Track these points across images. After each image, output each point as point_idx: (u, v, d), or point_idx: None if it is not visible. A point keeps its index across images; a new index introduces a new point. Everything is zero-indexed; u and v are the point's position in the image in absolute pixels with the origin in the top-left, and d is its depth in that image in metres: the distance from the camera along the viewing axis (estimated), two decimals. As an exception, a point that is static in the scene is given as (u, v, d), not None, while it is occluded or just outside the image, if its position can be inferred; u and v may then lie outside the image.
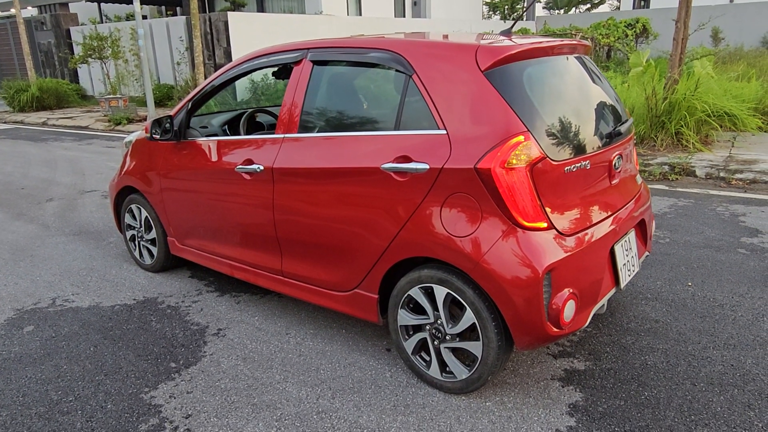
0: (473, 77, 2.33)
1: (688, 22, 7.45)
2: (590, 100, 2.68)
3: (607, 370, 2.71)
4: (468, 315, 2.38)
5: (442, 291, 2.44)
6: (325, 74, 2.90)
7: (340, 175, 2.66)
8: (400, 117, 2.53)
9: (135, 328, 3.26)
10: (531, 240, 2.24)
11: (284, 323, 3.26)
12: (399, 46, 2.57)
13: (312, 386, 2.65)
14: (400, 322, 2.64)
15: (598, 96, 2.75)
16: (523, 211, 2.23)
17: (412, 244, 2.46)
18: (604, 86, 2.88)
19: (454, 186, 2.32)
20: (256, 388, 2.66)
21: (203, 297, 3.65)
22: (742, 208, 5.19)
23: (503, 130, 2.24)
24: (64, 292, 3.79)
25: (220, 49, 13.75)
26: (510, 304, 2.24)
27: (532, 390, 2.57)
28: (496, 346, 2.34)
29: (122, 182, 4.03)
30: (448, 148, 2.33)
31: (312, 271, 2.94)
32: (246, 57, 3.23)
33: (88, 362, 2.92)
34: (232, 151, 3.21)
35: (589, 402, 2.47)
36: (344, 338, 3.07)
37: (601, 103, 2.74)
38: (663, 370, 2.69)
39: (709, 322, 3.12)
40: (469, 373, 2.45)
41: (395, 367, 2.78)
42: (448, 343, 2.49)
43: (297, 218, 2.89)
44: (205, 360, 2.91)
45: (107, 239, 4.84)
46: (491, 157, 2.21)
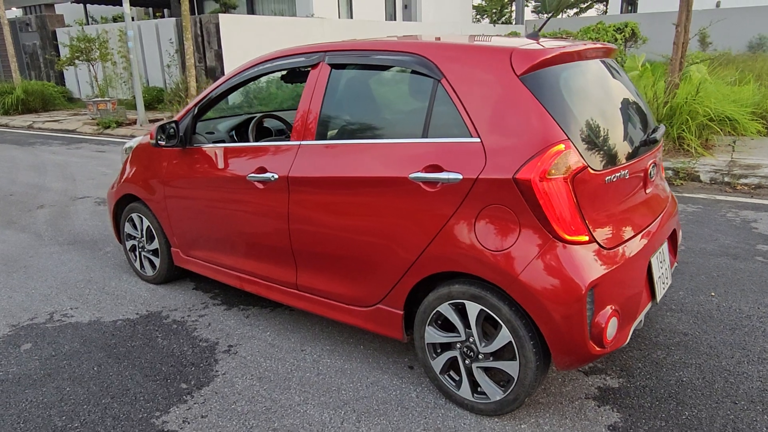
0: (508, 82, 2.21)
1: (689, 26, 7.42)
2: (623, 106, 2.57)
3: (642, 387, 2.59)
4: (504, 333, 2.25)
5: (474, 308, 2.31)
6: (344, 78, 2.76)
7: (363, 184, 2.52)
8: (427, 124, 2.40)
9: (140, 346, 3.08)
10: (573, 255, 2.12)
11: (298, 339, 3.11)
12: (426, 49, 2.44)
13: (335, 408, 2.50)
14: (427, 339, 2.50)
15: (630, 101, 2.65)
16: (565, 224, 2.11)
17: (442, 258, 2.33)
18: (633, 91, 2.77)
19: (489, 197, 2.19)
20: (275, 411, 2.50)
21: (210, 311, 3.49)
22: (752, 214, 5.13)
23: (542, 139, 2.12)
24: (62, 306, 3.60)
25: (211, 52, 13.54)
26: (551, 322, 2.11)
27: (567, 410, 2.45)
28: (534, 366, 2.21)
29: (122, 190, 3.85)
30: (483, 157, 2.20)
31: (330, 285, 2.80)
32: (258, 60, 3.08)
33: (92, 383, 2.75)
34: (243, 159, 3.06)
35: (628, 423, 2.35)
36: (363, 355, 2.92)
37: (633, 109, 2.63)
38: (700, 387, 2.58)
39: (738, 334, 3.03)
40: (504, 395, 2.32)
41: (420, 387, 2.64)
42: (481, 363, 2.36)
43: (315, 229, 2.74)
44: (218, 380, 2.74)
45: (104, 249, 4.64)
46: (531, 167, 2.09)
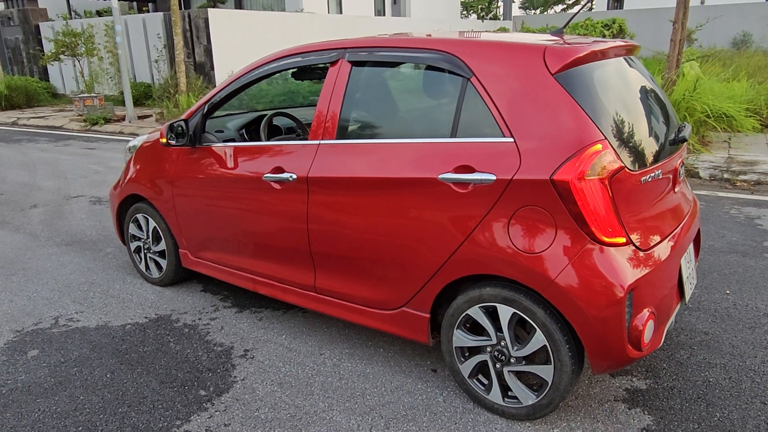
0: (543, 81, 2.15)
1: (686, 22, 7.45)
2: (651, 104, 2.54)
3: (670, 389, 2.57)
4: (538, 337, 2.20)
5: (507, 311, 2.26)
6: (366, 76, 2.69)
7: (388, 185, 2.46)
8: (456, 123, 2.34)
9: (153, 351, 2.99)
10: (611, 257, 2.08)
11: (315, 342, 3.04)
12: (455, 46, 2.38)
13: (361, 415, 2.44)
14: (455, 343, 2.45)
15: (656, 99, 2.61)
16: (602, 226, 2.06)
17: (473, 261, 2.28)
18: (658, 89, 2.74)
19: (524, 199, 2.14)
20: (300, 418, 2.44)
21: (221, 314, 3.40)
22: (755, 210, 5.16)
23: (580, 139, 2.07)
24: (67, 310, 3.49)
25: (200, 47, 13.34)
26: (589, 326, 2.07)
27: (598, 414, 2.41)
28: (569, 370, 2.17)
29: (127, 190, 3.74)
30: (517, 157, 2.15)
31: (351, 288, 2.73)
32: (273, 56, 3.00)
33: (106, 391, 2.65)
34: (258, 158, 2.98)
35: (661, 426, 2.33)
36: (384, 358, 2.87)
37: (660, 107, 2.60)
38: (727, 387, 2.57)
39: (758, 333, 3.02)
40: (537, 399, 2.28)
41: (446, 391, 2.59)
42: (513, 367, 2.31)
43: (336, 230, 2.67)
44: (237, 386, 2.67)
45: (104, 250, 4.52)
46: (569, 167, 2.04)
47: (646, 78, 2.65)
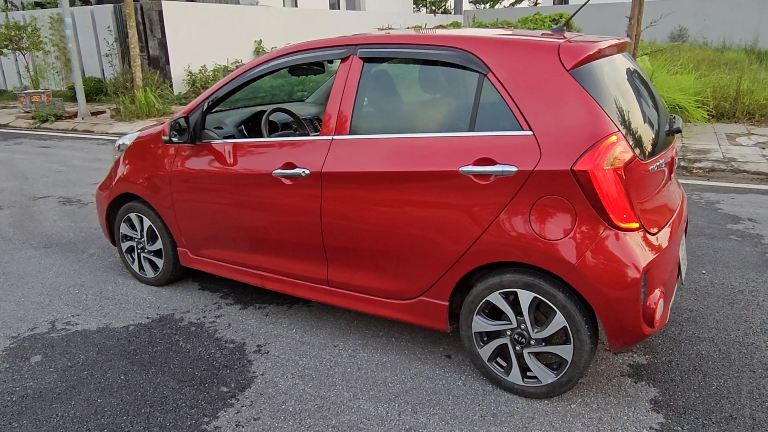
0: (559, 76, 2.28)
1: (641, 18, 7.82)
2: (648, 97, 2.71)
3: (668, 362, 2.77)
4: (558, 319, 2.34)
5: (527, 295, 2.38)
6: (379, 72, 2.75)
7: (407, 179, 2.53)
8: (474, 118, 2.44)
9: (163, 351, 2.97)
10: (628, 241, 2.23)
11: (327, 335, 3.09)
12: (470, 43, 2.47)
13: (387, 402, 2.52)
14: (475, 328, 2.56)
15: (649, 92, 2.79)
16: (619, 212, 2.21)
17: (495, 249, 2.38)
18: (649, 82, 2.92)
19: (545, 188, 2.26)
20: (328, 408, 2.49)
21: (225, 311, 3.40)
22: (714, 196, 5.52)
23: (597, 130, 2.21)
24: (62, 314, 3.39)
25: (153, 41, 12.95)
26: (609, 306, 2.22)
27: (608, 388, 2.58)
28: (588, 348, 2.32)
29: (118, 189, 3.66)
30: (537, 149, 2.27)
31: (366, 280, 2.80)
32: (280, 52, 3.01)
33: (124, 393, 2.62)
34: (266, 155, 2.99)
35: (666, 397, 2.51)
36: (398, 347, 2.95)
37: (653, 100, 2.78)
38: (718, 359, 2.79)
39: (737, 308, 3.28)
40: (556, 377, 2.41)
41: (464, 375, 2.70)
42: (533, 348, 2.44)
43: (351, 224, 2.72)
44: (258, 381, 2.69)
45: (86, 251, 4.40)
46: (589, 158, 2.18)
47: (639, 72, 2.83)
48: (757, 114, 8.76)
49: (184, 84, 13.25)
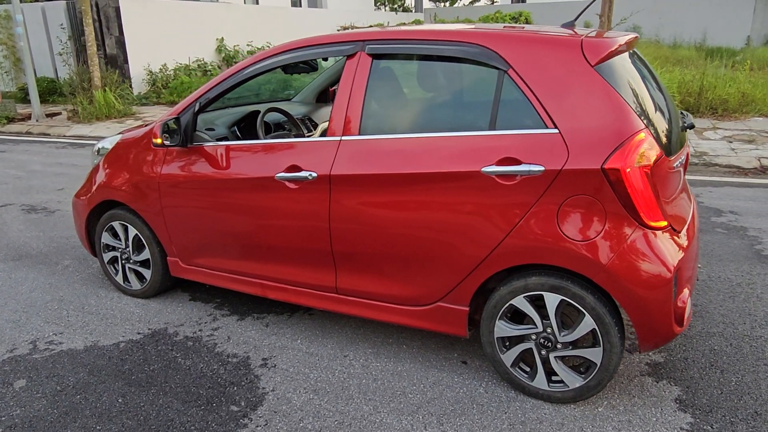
0: (585, 73, 2.21)
1: (611, 15, 7.94)
2: (662, 93, 2.68)
3: (684, 359, 2.76)
4: (587, 321, 2.28)
5: (554, 298, 2.31)
6: (391, 69, 2.63)
7: (424, 180, 2.42)
8: (494, 116, 2.35)
9: (161, 369, 2.77)
10: (658, 240, 2.19)
11: (334, 344, 2.96)
12: (489, 39, 2.38)
13: (410, 414, 2.41)
14: (497, 334, 2.48)
15: (661, 88, 2.76)
16: (649, 211, 2.16)
17: (520, 251, 2.30)
18: (659, 78, 2.90)
19: (573, 188, 2.20)
20: (349, 423, 2.36)
21: (222, 322, 3.21)
22: (693, 189, 5.63)
23: (625, 128, 2.15)
24: (42, 333, 3.14)
25: (110, 39, 12.42)
26: (641, 307, 2.17)
27: (631, 389, 2.54)
28: (619, 351, 2.27)
29: (99, 196, 3.42)
30: (564, 147, 2.20)
31: (379, 286, 2.68)
32: (281, 48, 2.85)
33: (124, 417, 2.43)
34: (267, 157, 2.83)
35: (690, 395, 2.49)
36: (411, 355, 2.84)
37: (665, 95, 2.75)
38: (732, 354, 2.79)
39: (738, 301, 3.31)
40: (585, 381, 2.36)
41: (484, 382, 2.61)
42: (559, 352, 2.38)
43: (364, 229, 2.60)
44: (270, 398, 2.54)
45: (60, 263, 4.11)
46: (619, 156, 2.12)
47: (650, 68, 2.80)
48: (720, 108, 9.03)
49: (144, 83, 12.77)
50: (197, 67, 13.54)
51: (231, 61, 14.57)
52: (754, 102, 8.89)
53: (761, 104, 8.84)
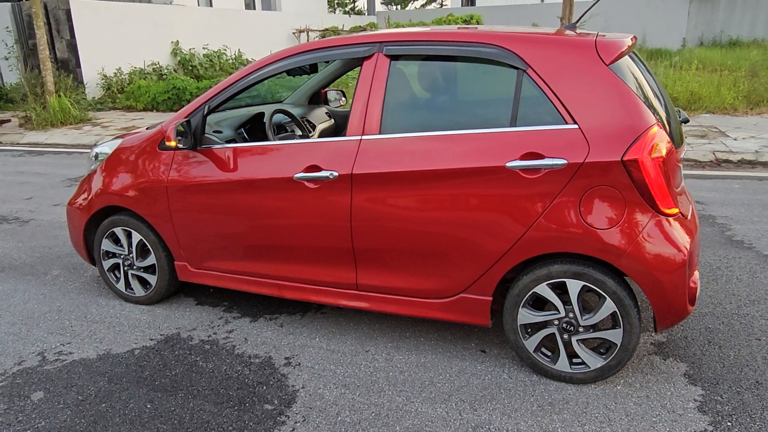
0: (601, 71, 2.36)
1: (572, 18, 8.28)
2: (661, 90, 2.87)
3: (684, 338, 2.96)
4: (608, 305, 2.42)
5: (576, 284, 2.45)
6: (409, 70, 2.71)
7: (448, 176, 2.51)
8: (515, 113, 2.47)
9: (184, 373, 2.75)
10: (673, 226, 2.36)
11: (354, 340, 3.01)
12: (507, 40, 2.50)
13: (443, 402, 2.50)
14: (520, 321, 2.60)
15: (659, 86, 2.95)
16: (664, 199, 2.33)
17: (544, 241, 2.43)
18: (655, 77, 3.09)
19: (594, 179, 2.34)
20: (386, 415, 2.43)
21: (235, 325, 3.21)
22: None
23: (640, 122, 2.31)
24: (48, 344, 3.05)
25: (61, 42, 11.96)
26: (659, 289, 2.33)
27: (642, 367, 2.71)
28: (638, 331, 2.43)
29: (100, 202, 3.34)
30: (584, 142, 2.34)
31: (401, 281, 2.75)
32: (293, 50, 2.87)
33: (158, 423, 2.41)
34: (283, 158, 2.85)
35: (696, 370, 2.68)
36: (431, 347, 2.92)
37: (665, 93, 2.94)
38: (725, 330, 3.01)
39: (721, 283, 3.56)
40: (606, 361, 2.50)
41: (506, 368, 2.73)
42: (581, 335, 2.51)
43: (387, 225, 2.66)
44: (302, 395, 2.57)
45: (49, 273, 3.98)
46: (637, 148, 2.27)
47: (647, 67, 2.99)
48: (671, 106, 9.54)
49: (99, 88, 12.35)
50: (152, 71, 13.20)
51: (187, 65, 14.28)
52: (701, 99, 9.46)
53: (708, 102, 9.40)
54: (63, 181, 6.62)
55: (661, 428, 2.30)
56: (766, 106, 9.28)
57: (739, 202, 5.08)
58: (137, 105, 11.79)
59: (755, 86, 9.99)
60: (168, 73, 13.39)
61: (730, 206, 4.99)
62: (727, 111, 9.18)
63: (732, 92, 9.57)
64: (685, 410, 2.40)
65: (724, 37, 20.04)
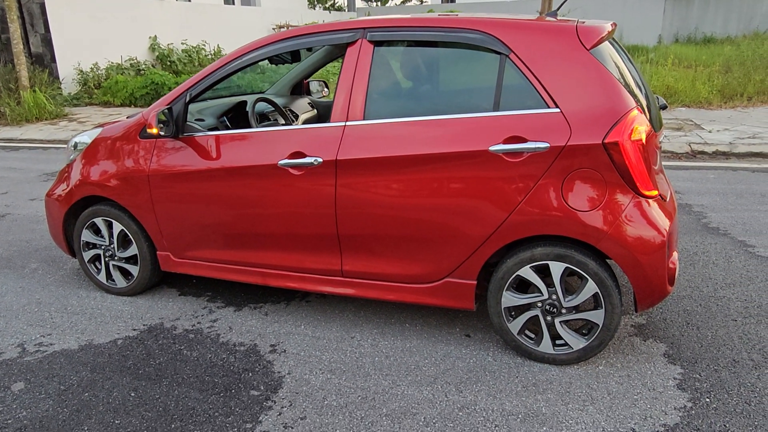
0: (582, 56, 2.40)
1: (550, 13, 8.36)
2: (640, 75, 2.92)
3: (663, 320, 3.02)
4: (590, 286, 2.46)
5: (559, 266, 2.49)
6: (393, 55, 2.72)
7: (432, 161, 2.53)
8: (498, 98, 2.49)
9: (168, 361, 2.73)
10: (652, 208, 2.40)
11: (339, 327, 3.01)
12: (490, 26, 2.52)
13: (428, 384, 2.52)
14: (504, 304, 2.63)
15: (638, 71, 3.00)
16: (644, 181, 2.37)
17: (527, 224, 2.46)
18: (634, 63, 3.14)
19: (576, 162, 2.37)
20: (373, 398, 2.44)
21: (219, 314, 3.19)
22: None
23: (620, 105, 2.35)
24: (28, 336, 3.00)
25: (36, 36, 11.72)
26: (640, 269, 2.38)
27: (623, 348, 2.76)
28: (619, 311, 2.47)
29: (80, 192, 3.29)
30: (566, 125, 2.37)
31: (386, 267, 2.76)
32: (276, 37, 2.87)
33: (143, 410, 2.39)
34: (266, 145, 2.84)
35: (675, 350, 2.74)
36: (416, 332, 2.94)
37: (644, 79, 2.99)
38: (702, 312, 3.08)
39: (698, 267, 3.64)
40: (588, 342, 2.54)
41: (491, 351, 2.76)
42: (564, 317, 2.55)
43: (371, 211, 2.67)
44: (288, 380, 2.57)
45: (27, 266, 3.91)
46: (618, 131, 2.31)
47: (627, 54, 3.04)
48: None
49: (75, 83, 12.14)
50: (130, 66, 13.01)
51: (165, 60, 14.10)
52: (677, 94, 9.63)
53: (683, 96, 9.58)
54: (39, 176, 6.51)
55: (642, 405, 2.35)
56: (740, 100, 9.49)
57: (714, 192, 5.19)
58: (115, 100, 11.61)
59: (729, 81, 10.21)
60: (146, 68, 13.21)
61: (706, 195, 5.10)
62: (702, 105, 9.36)
63: (707, 87, 9.76)
64: (665, 388, 2.45)
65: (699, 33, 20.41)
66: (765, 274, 3.49)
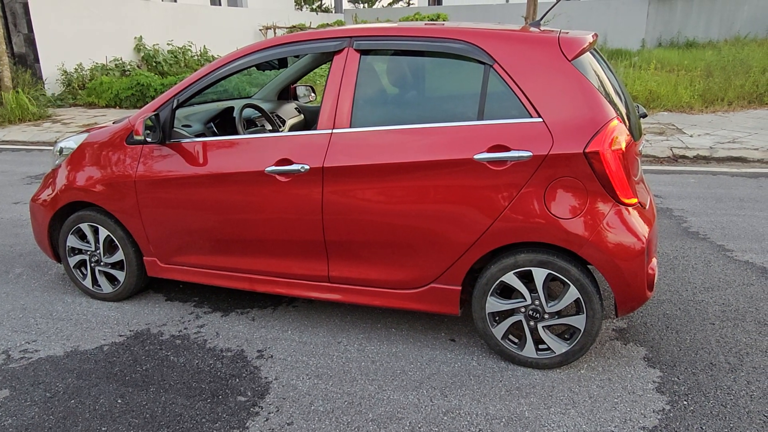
0: (563, 67, 2.45)
1: (535, 17, 8.46)
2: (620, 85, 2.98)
3: (643, 324, 3.09)
4: (572, 292, 2.52)
5: (542, 273, 2.54)
6: (379, 64, 2.75)
7: (417, 168, 2.57)
8: (482, 107, 2.54)
9: (155, 368, 2.74)
10: (632, 215, 2.46)
11: (325, 332, 3.04)
12: (474, 36, 2.56)
13: (414, 389, 2.55)
14: (488, 309, 2.67)
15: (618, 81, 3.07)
16: (624, 189, 2.43)
17: (511, 231, 2.51)
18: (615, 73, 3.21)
19: (557, 171, 2.43)
20: (359, 403, 2.47)
21: (206, 319, 3.20)
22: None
23: (601, 115, 2.41)
24: (13, 342, 2.99)
25: (18, 36, 11.59)
26: (620, 275, 2.44)
27: (604, 352, 2.82)
28: (600, 316, 2.53)
29: (65, 197, 3.28)
30: (548, 134, 2.43)
31: (372, 273, 2.80)
32: (263, 44, 2.88)
33: (130, 417, 2.40)
34: (254, 152, 2.86)
35: (655, 353, 2.80)
36: (401, 337, 2.98)
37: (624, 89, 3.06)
38: (681, 316, 3.16)
39: (678, 272, 3.72)
40: (570, 346, 2.60)
41: (475, 356, 2.80)
42: (547, 322, 2.60)
43: (357, 218, 2.71)
44: (275, 386, 2.59)
45: (11, 271, 3.89)
46: (599, 140, 2.37)
47: (608, 64, 3.10)
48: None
49: (59, 84, 12.02)
50: (115, 67, 12.91)
51: (151, 61, 14.01)
52: (659, 98, 9.78)
53: (665, 100, 9.73)
54: (23, 179, 6.45)
55: (623, 408, 2.40)
56: (720, 104, 9.66)
57: (694, 196, 5.29)
58: (99, 101, 11.52)
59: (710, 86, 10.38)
60: (131, 69, 13.11)
61: (686, 199, 5.19)
62: (684, 109, 9.51)
63: (688, 91, 9.93)
64: (644, 391, 2.51)
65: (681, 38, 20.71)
66: (742, 278, 3.58)
